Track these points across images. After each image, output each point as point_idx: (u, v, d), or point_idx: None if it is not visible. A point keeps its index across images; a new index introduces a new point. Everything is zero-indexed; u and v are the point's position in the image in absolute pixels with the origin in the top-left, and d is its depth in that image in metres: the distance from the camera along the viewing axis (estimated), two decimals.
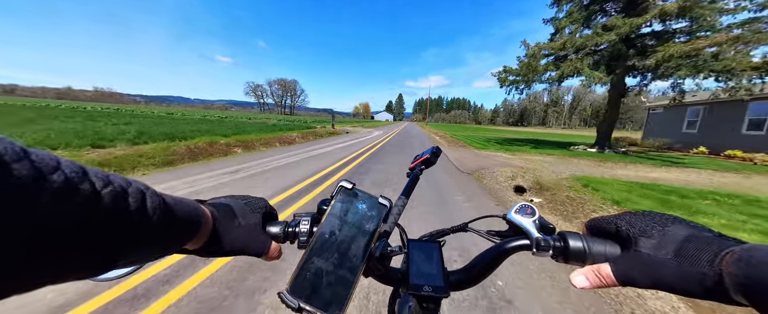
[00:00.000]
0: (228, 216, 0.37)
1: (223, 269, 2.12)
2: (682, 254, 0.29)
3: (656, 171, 7.66)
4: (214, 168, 5.73)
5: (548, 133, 45.66)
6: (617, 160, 9.57)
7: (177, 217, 0.28)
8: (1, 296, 0.17)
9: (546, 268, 2.32)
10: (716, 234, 0.30)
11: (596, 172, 6.99)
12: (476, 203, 4.19)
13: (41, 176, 0.17)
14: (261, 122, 22.31)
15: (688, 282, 0.28)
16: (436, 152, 0.72)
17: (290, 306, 0.33)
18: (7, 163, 0.16)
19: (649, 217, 0.34)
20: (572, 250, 0.36)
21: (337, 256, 0.37)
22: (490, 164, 7.48)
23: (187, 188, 4.32)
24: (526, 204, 0.44)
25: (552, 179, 5.63)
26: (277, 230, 0.42)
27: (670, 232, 0.31)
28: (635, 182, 5.76)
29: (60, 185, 0.18)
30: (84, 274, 0.22)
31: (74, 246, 0.19)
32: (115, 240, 0.22)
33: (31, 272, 0.18)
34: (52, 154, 0.19)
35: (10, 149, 0.17)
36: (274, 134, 12.09)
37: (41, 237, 0.17)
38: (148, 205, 0.24)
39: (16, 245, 0.16)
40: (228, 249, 0.37)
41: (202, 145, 7.47)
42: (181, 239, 0.30)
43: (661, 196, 4.68)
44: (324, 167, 6.39)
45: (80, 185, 0.19)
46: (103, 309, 1.67)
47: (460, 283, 0.42)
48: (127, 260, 0.24)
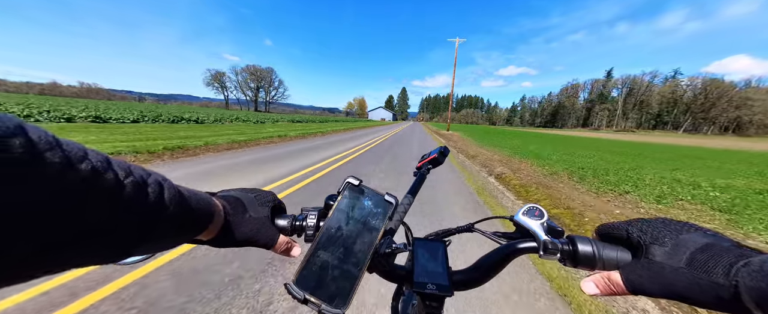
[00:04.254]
0: (239, 209, 0.38)
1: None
2: (695, 263, 0.27)
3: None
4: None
5: (624, 141, 28.39)
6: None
7: (192, 208, 0.29)
8: (27, 278, 0.18)
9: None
10: (734, 243, 0.28)
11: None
12: None
13: (71, 164, 0.18)
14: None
15: (701, 292, 0.26)
16: (443, 151, 0.74)
17: (296, 298, 0.33)
18: (41, 151, 0.16)
19: (663, 224, 0.32)
20: (581, 254, 0.35)
21: (342, 251, 0.37)
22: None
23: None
24: (534, 206, 0.43)
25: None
26: (285, 223, 0.43)
27: (684, 240, 0.30)
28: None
29: (87, 173, 0.19)
30: (103, 260, 0.22)
31: (97, 232, 0.20)
32: (134, 228, 0.22)
33: (55, 257, 0.18)
34: (80, 144, 0.20)
35: (44, 138, 0.17)
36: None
37: (68, 222, 0.18)
38: (166, 196, 0.25)
39: (46, 229, 0.17)
40: (239, 241, 0.38)
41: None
42: (195, 229, 0.31)
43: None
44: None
45: (105, 175, 0.20)
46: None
47: (464, 283, 0.41)
48: (144, 247, 0.25)
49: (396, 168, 6.51)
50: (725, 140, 47.39)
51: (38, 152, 0.16)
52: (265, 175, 4.98)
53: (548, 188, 5.00)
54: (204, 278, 1.90)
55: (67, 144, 0.19)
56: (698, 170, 8.05)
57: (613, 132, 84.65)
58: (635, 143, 25.13)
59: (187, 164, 5.53)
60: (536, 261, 2.38)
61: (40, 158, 0.16)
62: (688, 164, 9.52)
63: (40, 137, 0.17)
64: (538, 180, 5.67)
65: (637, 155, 11.85)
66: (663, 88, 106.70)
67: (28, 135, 0.16)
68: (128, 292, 1.74)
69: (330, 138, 14.04)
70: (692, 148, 20.79)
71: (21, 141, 0.16)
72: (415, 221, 3.20)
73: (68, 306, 1.60)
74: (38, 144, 0.16)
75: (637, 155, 12.23)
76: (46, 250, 0.17)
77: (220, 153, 7.02)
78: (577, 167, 7.36)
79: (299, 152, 7.98)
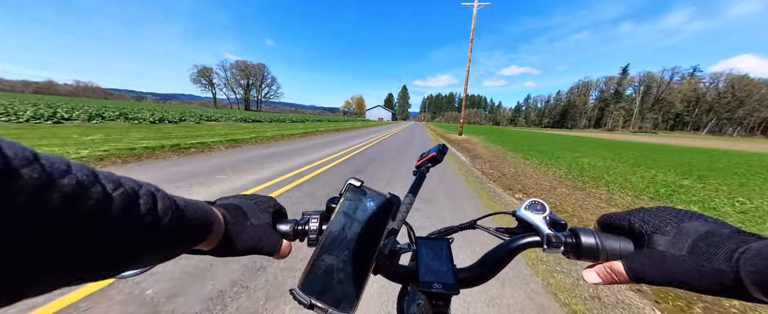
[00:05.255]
0: (240, 217, 0.38)
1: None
2: (697, 250, 0.28)
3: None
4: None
5: (664, 145, 23.58)
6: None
7: (188, 219, 0.28)
8: (14, 300, 0.17)
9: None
10: (735, 230, 0.28)
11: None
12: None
13: (51, 180, 0.17)
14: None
15: (703, 279, 0.27)
16: (442, 149, 0.74)
17: (302, 303, 0.33)
18: (15, 168, 0.16)
19: (665, 213, 0.32)
20: (584, 246, 0.35)
21: (346, 253, 0.37)
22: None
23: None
24: (536, 200, 0.43)
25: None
26: (287, 228, 0.42)
27: (685, 228, 0.30)
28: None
29: (71, 188, 0.18)
30: (97, 276, 0.22)
31: (87, 249, 0.19)
32: (128, 241, 0.22)
33: (43, 275, 0.18)
34: (63, 158, 0.19)
35: (21, 153, 0.16)
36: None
37: (53, 240, 0.17)
38: (159, 207, 0.24)
39: (29, 249, 0.16)
40: (241, 249, 0.37)
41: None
42: (192, 240, 0.30)
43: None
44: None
45: (91, 188, 0.19)
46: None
47: (469, 280, 0.41)
48: (140, 261, 0.24)
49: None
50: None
51: (12, 168, 0.15)
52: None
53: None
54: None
55: (48, 159, 0.18)
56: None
57: (630, 133, 79.80)
58: (685, 148, 20.33)
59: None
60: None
61: (14, 176, 0.15)
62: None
63: (16, 153, 0.16)
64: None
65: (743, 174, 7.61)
66: (683, 86, 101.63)
67: (2, 151, 0.16)
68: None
69: (302, 143, 10.88)
70: (756, 154, 16.04)
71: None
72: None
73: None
74: (12, 160, 0.16)
75: (742, 172, 7.89)
76: (27, 271, 0.17)
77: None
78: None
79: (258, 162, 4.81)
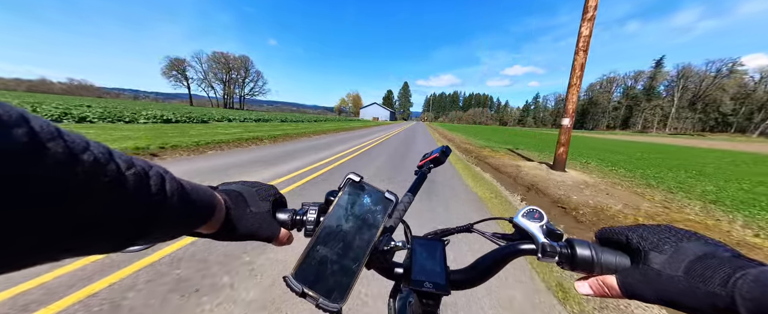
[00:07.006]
0: (241, 203, 0.38)
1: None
2: (693, 272, 0.28)
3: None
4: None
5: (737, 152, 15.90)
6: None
7: (193, 201, 0.29)
8: (29, 265, 0.18)
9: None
10: (734, 254, 0.28)
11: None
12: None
13: (74, 154, 0.18)
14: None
15: (697, 301, 0.27)
16: (445, 151, 0.74)
17: (294, 291, 0.34)
18: (43, 141, 0.16)
19: (665, 231, 0.32)
20: (579, 258, 0.35)
21: (341, 246, 0.38)
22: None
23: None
24: (534, 208, 0.43)
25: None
26: (285, 217, 0.43)
27: (683, 248, 0.30)
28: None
29: (89, 164, 0.18)
30: (105, 250, 0.22)
31: (100, 223, 0.20)
32: (136, 219, 0.22)
33: (57, 248, 0.18)
34: (81, 135, 0.20)
35: (46, 128, 0.17)
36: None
37: (71, 214, 0.18)
38: (167, 188, 0.25)
39: (49, 220, 0.17)
40: (241, 234, 0.38)
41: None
42: (195, 222, 0.31)
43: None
44: None
45: (107, 166, 0.20)
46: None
47: (461, 282, 0.42)
48: (146, 238, 0.25)
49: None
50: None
51: (40, 142, 0.16)
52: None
53: None
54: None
55: (69, 135, 0.18)
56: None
57: (670, 136, 66.66)
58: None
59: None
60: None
61: (42, 149, 0.16)
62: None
63: (43, 127, 0.16)
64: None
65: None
66: (729, 82, 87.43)
67: (31, 125, 0.16)
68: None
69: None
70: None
71: (23, 131, 0.15)
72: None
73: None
74: (40, 134, 0.16)
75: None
76: (48, 241, 0.17)
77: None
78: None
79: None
